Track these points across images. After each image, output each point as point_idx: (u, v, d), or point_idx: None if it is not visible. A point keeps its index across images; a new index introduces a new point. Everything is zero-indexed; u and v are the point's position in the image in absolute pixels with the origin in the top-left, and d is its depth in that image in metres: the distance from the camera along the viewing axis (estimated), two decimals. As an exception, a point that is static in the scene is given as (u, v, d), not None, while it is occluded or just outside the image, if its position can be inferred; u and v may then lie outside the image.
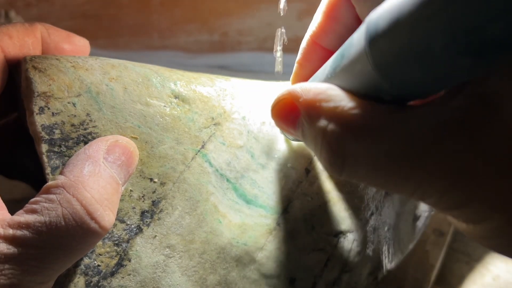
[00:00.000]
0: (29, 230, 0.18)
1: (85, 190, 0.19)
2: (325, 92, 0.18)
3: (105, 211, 0.20)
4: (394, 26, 0.14)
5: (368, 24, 0.15)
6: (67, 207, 0.19)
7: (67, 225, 0.18)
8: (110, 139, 0.22)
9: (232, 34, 0.59)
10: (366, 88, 0.17)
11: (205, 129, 0.26)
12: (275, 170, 0.28)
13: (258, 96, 0.29)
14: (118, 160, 0.22)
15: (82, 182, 0.20)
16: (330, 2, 0.23)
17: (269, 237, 0.26)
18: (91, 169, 0.20)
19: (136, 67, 0.25)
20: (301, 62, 0.25)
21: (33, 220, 0.18)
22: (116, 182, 0.21)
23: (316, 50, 0.24)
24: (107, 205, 0.20)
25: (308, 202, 0.27)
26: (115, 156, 0.22)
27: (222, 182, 0.26)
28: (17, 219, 0.18)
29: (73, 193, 0.19)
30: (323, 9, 0.23)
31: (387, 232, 0.31)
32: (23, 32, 0.24)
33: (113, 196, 0.21)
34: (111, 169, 0.21)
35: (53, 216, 0.18)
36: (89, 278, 0.21)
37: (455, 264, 0.39)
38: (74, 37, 0.27)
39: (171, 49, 0.60)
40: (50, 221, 0.18)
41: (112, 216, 0.20)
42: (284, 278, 0.26)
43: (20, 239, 0.18)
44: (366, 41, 0.15)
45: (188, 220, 0.24)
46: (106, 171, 0.21)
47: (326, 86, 0.19)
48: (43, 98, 0.22)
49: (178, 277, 0.24)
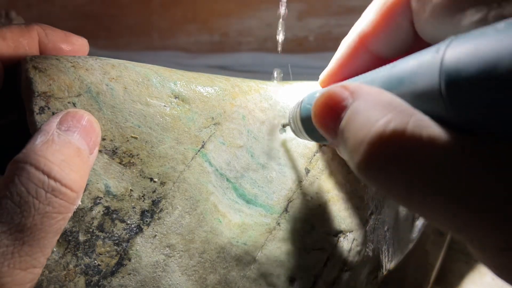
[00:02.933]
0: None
1: (36, 154, 0.19)
2: (386, 92, 0.16)
3: (64, 170, 0.19)
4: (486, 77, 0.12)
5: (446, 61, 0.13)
6: (22, 174, 0.18)
7: (28, 189, 0.18)
8: (62, 112, 0.22)
9: (232, 35, 0.59)
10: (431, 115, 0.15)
11: (205, 129, 0.26)
12: (275, 169, 0.28)
13: (258, 96, 0.29)
14: (73, 127, 0.21)
15: (34, 151, 0.19)
16: (389, 2, 0.20)
17: (269, 236, 0.26)
18: (43, 139, 0.20)
19: (136, 67, 0.25)
20: (341, 62, 0.23)
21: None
22: (75, 146, 0.21)
23: (363, 52, 0.22)
24: (66, 166, 0.20)
25: (308, 201, 0.27)
26: (68, 124, 0.21)
27: (222, 181, 0.26)
28: None
29: (25, 161, 0.19)
30: (379, 8, 0.21)
31: (387, 231, 0.31)
32: (18, 33, 0.24)
33: (74, 159, 0.20)
34: (67, 136, 0.21)
35: (12, 186, 0.18)
36: (89, 278, 0.21)
37: (454, 264, 0.39)
38: (72, 36, 0.27)
39: (171, 49, 0.60)
40: (10, 191, 0.18)
41: (75, 175, 0.20)
42: (284, 278, 0.26)
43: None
44: (444, 82, 0.13)
45: (188, 220, 0.24)
46: (61, 137, 0.20)
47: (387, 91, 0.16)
48: (43, 98, 0.22)
49: (178, 277, 0.24)
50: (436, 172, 0.13)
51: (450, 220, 0.14)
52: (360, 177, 0.17)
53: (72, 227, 0.21)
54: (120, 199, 0.23)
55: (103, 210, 0.22)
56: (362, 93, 0.16)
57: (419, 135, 0.13)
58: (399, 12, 0.20)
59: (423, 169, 0.13)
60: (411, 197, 0.14)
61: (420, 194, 0.14)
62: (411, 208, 0.15)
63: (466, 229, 0.14)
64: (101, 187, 0.22)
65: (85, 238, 0.22)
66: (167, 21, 0.58)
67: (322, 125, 0.19)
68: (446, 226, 0.14)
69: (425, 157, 0.13)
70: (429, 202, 0.14)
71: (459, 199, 0.13)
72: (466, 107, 0.13)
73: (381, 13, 0.20)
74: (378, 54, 0.22)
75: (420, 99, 0.14)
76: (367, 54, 0.22)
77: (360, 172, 0.15)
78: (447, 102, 0.13)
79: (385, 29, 0.21)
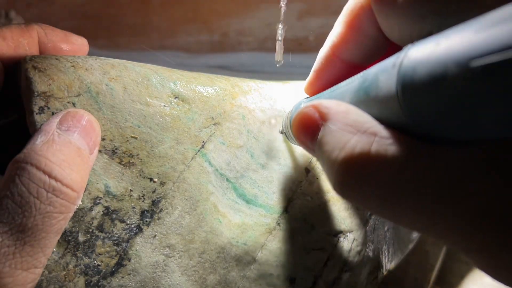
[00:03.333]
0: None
1: (38, 155, 0.19)
2: (354, 109, 0.17)
3: (65, 170, 0.19)
4: (436, 82, 0.13)
5: (403, 68, 0.14)
6: (23, 174, 0.18)
7: (29, 190, 0.18)
8: (62, 112, 0.22)
9: (232, 34, 0.59)
10: (393, 124, 0.16)
11: (205, 129, 0.26)
12: (275, 169, 0.28)
13: (258, 96, 0.29)
14: (74, 127, 0.21)
15: (34, 150, 0.19)
16: (351, 12, 0.21)
17: (269, 236, 0.26)
18: (43, 139, 0.20)
19: (136, 66, 0.25)
20: (318, 72, 0.24)
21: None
22: (75, 146, 0.21)
23: (335, 62, 0.23)
24: (66, 166, 0.20)
25: (308, 201, 0.27)
26: (68, 124, 0.21)
27: (222, 181, 0.26)
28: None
29: (26, 161, 0.19)
30: (343, 19, 0.22)
31: (387, 232, 0.31)
32: (18, 33, 0.24)
33: (74, 158, 0.20)
34: (68, 136, 0.21)
35: (13, 186, 0.18)
36: (89, 278, 0.21)
37: (455, 264, 0.39)
38: (72, 36, 0.27)
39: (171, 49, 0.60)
40: (11, 191, 0.18)
41: (75, 175, 0.20)
42: (284, 278, 0.26)
43: None
44: (400, 86, 0.14)
45: (188, 220, 0.24)
46: (61, 137, 0.20)
47: (354, 107, 0.17)
48: (43, 98, 0.22)
49: (178, 277, 0.24)
50: (399, 186, 0.15)
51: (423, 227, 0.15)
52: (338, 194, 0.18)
53: (72, 227, 0.21)
54: (119, 199, 0.23)
55: (103, 210, 0.22)
56: (332, 114, 0.18)
57: (382, 154, 0.15)
58: (363, 19, 0.21)
59: (388, 184, 0.15)
60: (384, 211, 0.16)
61: (391, 207, 0.15)
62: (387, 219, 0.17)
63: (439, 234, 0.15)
64: (101, 187, 0.22)
65: (84, 238, 0.22)
66: (167, 21, 0.58)
67: (301, 143, 0.21)
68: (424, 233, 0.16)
69: (389, 173, 0.15)
70: (399, 214, 0.15)
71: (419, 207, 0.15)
72: (419, 111, 0.14)
73: (346, 23, 0.22)
74: (351, 62, 0.23)
75: (383, 106, 0.15)
76: (340, 63, 0.23)
77: (337, 191, 0.17)
78: (404, 106, 0.14)
79: (353, 38, 0.22)
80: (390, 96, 0.15)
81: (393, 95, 0.15)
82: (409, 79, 0.14)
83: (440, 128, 0.14)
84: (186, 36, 0.59)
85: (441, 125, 0.14)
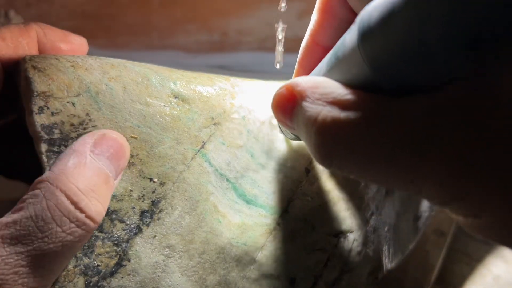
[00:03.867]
0: (16, 227, 0.18)
1: (69, 181, 0.19)
2: (323, 81, 0.18)
3: (92, 201, 0.19)
4: (387, 20, 0.13)
5: (361, 18, 0.15)
6: (51, 198, 0.18)
7: (53, 217, 0.18)
8: (97, 133, 0.22)
9: (232, 34, 0.59)
10: (363, 83, 0.16)
11: (205, 129, 0.26)
12: (275, 170, 0.28)
13: (258, 96, 0.29)
14: (106, 153, 0.21)
15: (66, 174, 0.19)
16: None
17: (269, 237, 0.26)
18: (75, 161, 0.20)
19: (136, 66, 0.25)
20: (301, 61, 0.25)
21: (19, 217, 0.18)
22: (104, 174, 0.21)
23: (316, 49, 0.24)
24: (93, 196, 0.20)
25: (308, 202, 0.27)
26: (102, 148, 0.21)
27: (222, 182, 0.26)
28: (4, 220, 0.18)
29: (56, 185, 0.19)
30: (317, 5, 0.23)
31: (387, 232, 0.31)
32: (17, 33, 0.24)
33: (101, 187, 0.20)
34: (99, 161, 0.21)
35: (38, 209, 0.18)
36: (88, 278, 0.21)
37: (455, 265, 0.39)
38: (71, 36, 0.27)
39: (170, 48, 0.60)
40: (36, 214, 0.18)
41: (100, 206, 0.20)
42: (284, 278, 0.26)
43: (8, 238, 0.17)
44: (359, 36, 0.15)
45: (188, 220, 0.24)
46: (93, 162, 0.20)
47: (324, 78, 0.19)
48: (43, 97, 0.22)
49: (177, 277, 0.24)
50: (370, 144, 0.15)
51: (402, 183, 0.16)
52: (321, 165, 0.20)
53: (71, 228, 0.21)
54: (119, 199, 0.23)
55: (103, 210, 0.22)
56: (303, 91, 0.19)
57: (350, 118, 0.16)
58: (335, 4, 0.22)
59: (360, 145, 0.16)
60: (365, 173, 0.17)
61: (368, 167, 0.16)
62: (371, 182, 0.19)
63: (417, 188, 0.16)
64: (101, 188, 0.22)
65: (84, 238, 0.22)
66: (167, 20, 0.58)
67: (281, 122, 0.22)
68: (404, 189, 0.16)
69: (358, 134, 0.16)
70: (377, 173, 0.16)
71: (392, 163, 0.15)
72: (378, 57, 0.14)
73: (320, 10, 0.23)
74: (330, 47, 0.24)
75: (351, 64, 0.16)
76: (320, 49, 0.24)
77: (318, 162, 0.18)
78: (364, 56, 0.15)
79: (328, 23, 0.23)
80: (353, 50, 0.15)
81: (355, 48, 0.15)
82: (366, 26, 0.14)
83: (400, 73, 0.14)
84: (186, 36, 0.59)
85: (399, 68, 0.14)
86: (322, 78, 0.19)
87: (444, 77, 0.14)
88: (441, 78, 0.14)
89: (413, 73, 0.14)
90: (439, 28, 0.12)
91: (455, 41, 0.12)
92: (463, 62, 0.13)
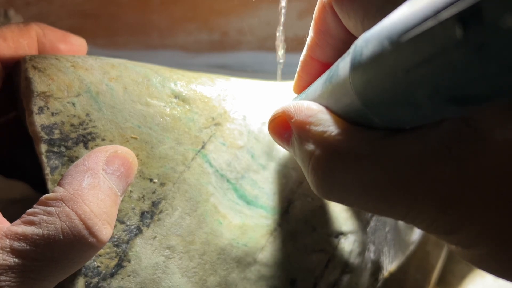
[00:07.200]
0: (26, 242, 0.18)
1: (84, 204, 0.19)
2: (315, 115, 0.19)
3: (103, 225, 0.20)
4: (377, 58, 0.13)
5: (354, 48, 0.15)
6: (66, 221, 0.19)
7: (65, 239, 0.18)
8: (110, 149, 0.22)
9: (232, 34, 0.59)
10: (354, 115, 0.16)
11: (205, 129, 0.26)
12: (276, 170, 0.28)
13: (259, 96, 0.29)
14: (117, 171, 0.21)
15: (81, 196, 0.19)
16: (317, 16, 0.22)
17: (270, 238, 0.26)
18: (90, 182, 0.20)
19: (136, 67, 0.25)
20: (300, 73, 0.26)
21: (31, 232, 0.18)
22: (115, 194, 0.21)
23: (313, 63, 0.24)
24: (105, 219, 0.20)
25: (308, 202, 0.27)
26: (114, 167, 0.21)
27: (222, 182, 0.26)
28: (14, 229, 0.18)
29: (72, 207, 0.19)
30: (313, 24, 0.23)
31: (388, 233, 0.31)
32: (18, 33, 0.24)
33: (112, 208, 0.21)
34: (110, 180, 0.21)
35: (52, 229, 0.18)
36: (88, 279, 0.21)
37: (456, 265, 0.39)
38: (70, 36, 0.27)
39: (171, 48, 0.59)
40: (49, 234, 0.18)
41: (109, 229, 0.20)
42: (285, 279, 0.26)
43: (18, 251, 0.18)
44: (350, 68, 0.15)
45: (188, 221, 0.24)
46: (106, 183, 0.21)
47: (317, 109, 0.19)
48: (43, 98, 0.22)
49: (178, 278, 0.23)
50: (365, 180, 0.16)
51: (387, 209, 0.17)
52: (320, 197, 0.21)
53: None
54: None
55: (103, 211, 0.22)
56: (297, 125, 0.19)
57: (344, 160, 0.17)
58: (329, 22, 0.22)
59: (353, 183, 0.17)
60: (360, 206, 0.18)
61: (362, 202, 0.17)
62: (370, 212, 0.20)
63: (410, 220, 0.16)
64: (101, 188, 0.22)
65: (84, 239, 0.21)
66: (167, 20, 0.58)
67: (279, 144, 0.23)
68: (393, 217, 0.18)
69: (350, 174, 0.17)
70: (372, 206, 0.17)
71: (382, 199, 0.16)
72: (366, 91, 0.14)
73: (315, 29, 0.23)
74: (327, 62, 0.24)
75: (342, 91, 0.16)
76: (317, 64, 0.24)
77: (317, 194, 0.19)
78: (353, 87, 0.15)
79: (323, 42, 0.23)
80: (345, 80, 0.15)
81: (347, 79, 0.15)
82: (357, 59, 0.14)
83: (389, 113, 0.14)
84: (186, 35, 0.59)
85: (388, 108, 0.14)
86: (315, 108, 0.19)
87: (433, 119, 0.14)
88: (430, 120, 0.15)
89: (401, 114, 0.14)
90: (424, 84, 0.12)
91: (440, 97, 0.12)
92: (450, 112, 0.13)
